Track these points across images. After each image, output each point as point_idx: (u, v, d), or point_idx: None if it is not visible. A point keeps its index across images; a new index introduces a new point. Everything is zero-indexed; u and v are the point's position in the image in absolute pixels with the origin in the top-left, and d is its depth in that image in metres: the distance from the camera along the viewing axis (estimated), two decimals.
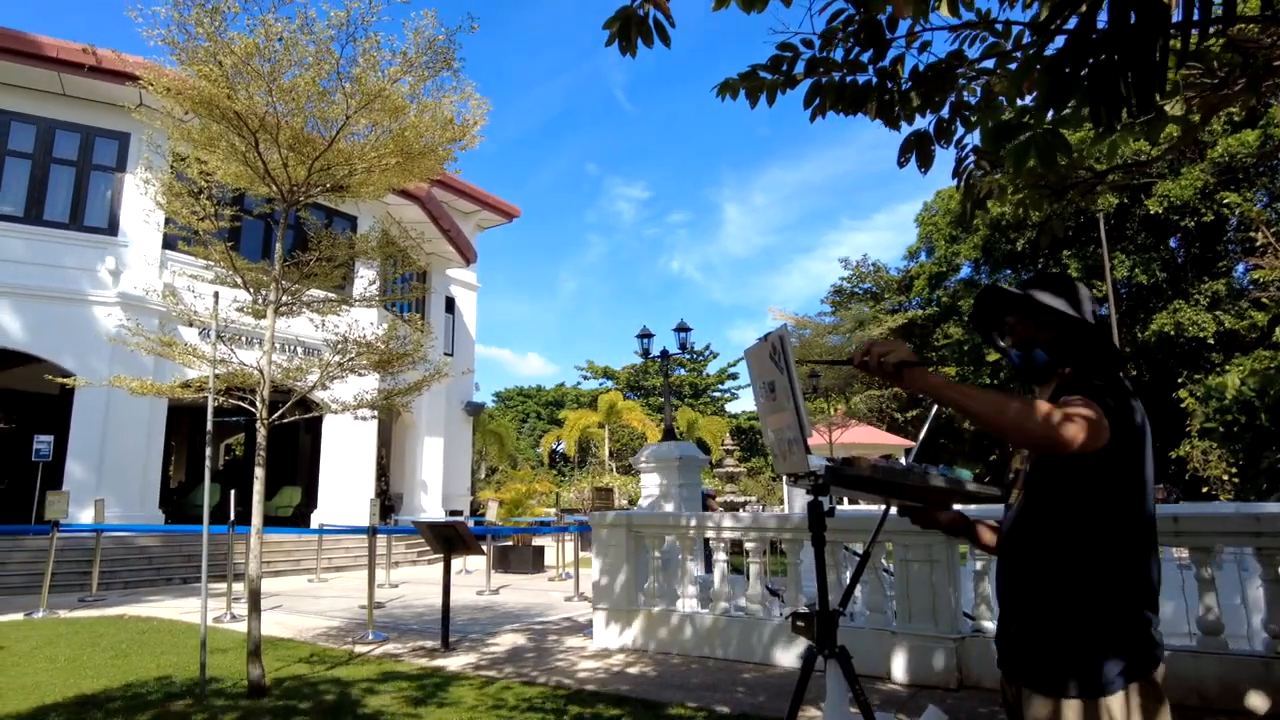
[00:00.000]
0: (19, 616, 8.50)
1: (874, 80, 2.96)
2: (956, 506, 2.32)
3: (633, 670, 5.91)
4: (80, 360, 13.21)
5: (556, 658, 6.45)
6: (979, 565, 5.57)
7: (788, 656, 5.89)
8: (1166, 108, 3.32)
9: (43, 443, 13.34)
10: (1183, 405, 24.64)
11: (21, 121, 13.85)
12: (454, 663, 6.27)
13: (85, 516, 11.55)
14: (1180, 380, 25.97)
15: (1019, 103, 3.11)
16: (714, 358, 48.51)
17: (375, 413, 6.83)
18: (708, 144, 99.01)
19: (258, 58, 5.00)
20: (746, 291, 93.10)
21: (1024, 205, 4.30)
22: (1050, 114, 2.40)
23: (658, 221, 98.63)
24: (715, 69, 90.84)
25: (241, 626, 7.34)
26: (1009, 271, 31.54)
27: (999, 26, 3.05)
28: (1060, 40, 2.01)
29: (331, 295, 6.73)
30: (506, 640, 7.29)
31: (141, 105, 6.96)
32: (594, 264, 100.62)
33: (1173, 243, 28.36)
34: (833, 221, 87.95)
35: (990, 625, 5.34)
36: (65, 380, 7.42)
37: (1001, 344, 2.14)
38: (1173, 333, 25.62)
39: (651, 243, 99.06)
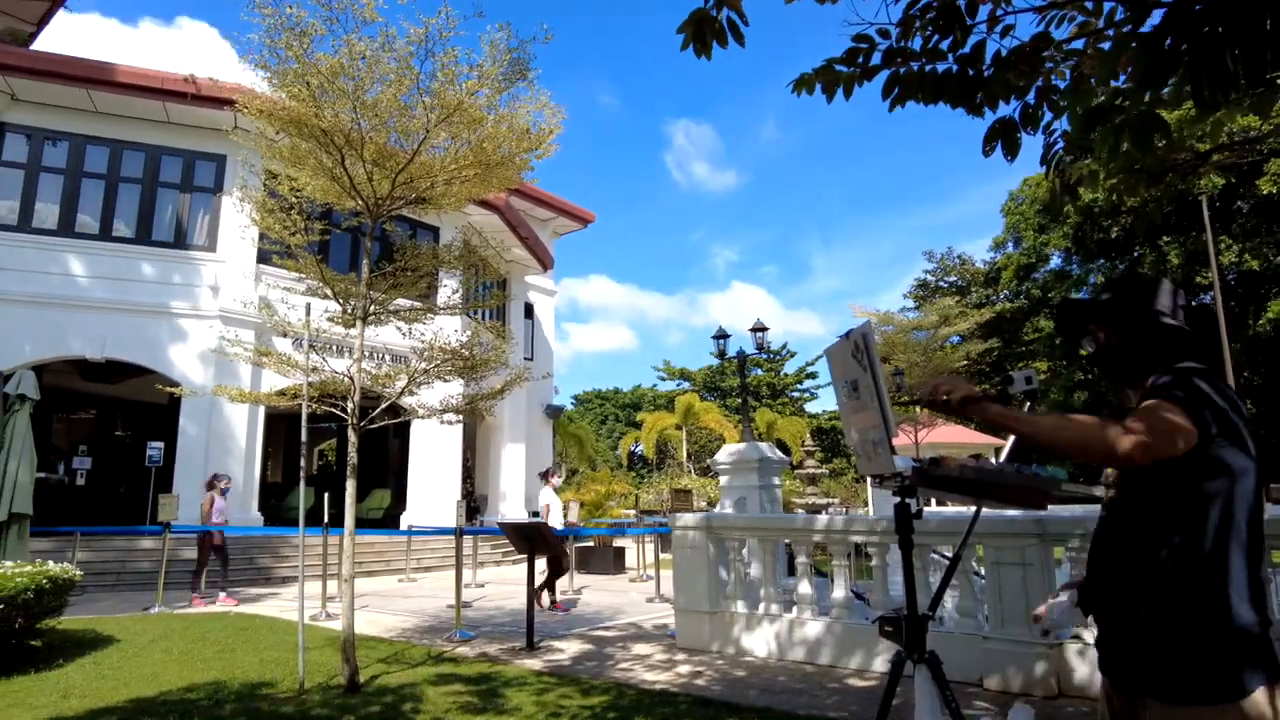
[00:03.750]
0: (138, 612, 9.07)
1: (954, 68, 2.87)
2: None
3: (713, 673, 5.89)
4: (186, 371, 14.03)
5: (637, 660, 6.48)
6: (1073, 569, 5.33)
7: (875, 662, 5.76)
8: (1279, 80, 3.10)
9: (154, 449, 14.24)
10: None
11: (132, 149, 14.80)
12: (536, 663, 6.37)
13: (192, 517, 12.22)
14: None
15: (1112, 84, 2.97)
16: (791, 357, 47.84)
17: (460, 417, 7.01)
18: (796, 207, 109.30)
19: (342, 76, 5.20)
20: (830, 324, 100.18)
21: (1118, 191, 4.09)
22: (1147, 94, 2.28)
23: (750, 273, 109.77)
24: (803, 172, 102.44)
25: (335, 624, 7.65)
26: (1102, 261, 30.06)
27: (1089, 4, 2.91)
28: (1157, 15, 1.91)
29: (417, 304, 6.94)
30: (588, 641, 7.36)
31: (236, 128, 7.34)
32: (691, 305, 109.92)
33: None
34: (915, 258, 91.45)
35: (1087, 634, 5.09)
36: (173, 390, 7.90)
37: (1088, 349, 2.15)
38: None
39: (742, 290, 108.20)
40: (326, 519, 9.70)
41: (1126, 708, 1.82)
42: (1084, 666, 5.00)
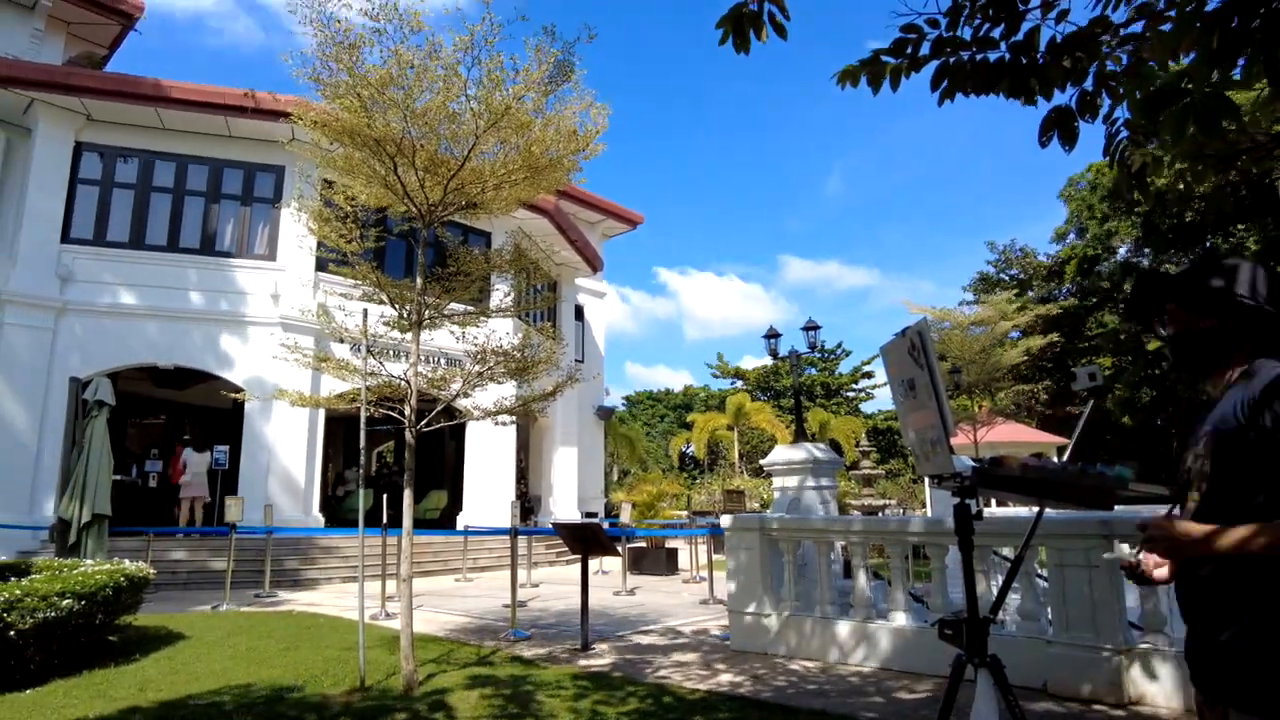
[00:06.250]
0: (207, 609, 9.40)
1: (1006, 56, 2.79)
2: None
3: (765, 677, 5.83)
4: (248, 377, 14.49)
5: (687, 664, 6.46)
6: None
7: (934, 666, 5.63)
8: None
9: (220, 452, 14.74)
10: None
11: (196, 164, 15.37)
12: (590, 664, 6.40)
13: (256, 519, 12.63)
14: None
15: (1174, 66, 2.85)
16: (846, 356, 47.13)
17: (513, 418, 7.08)
18: (848, 233, 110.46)
19: (392, 87, 5.31)
20: (888, 333, 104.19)
21: (1185, 179, 3.93)
22: (1213, 75, 2.18)
23: (807, 296, 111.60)
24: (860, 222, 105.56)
25: (394, 624, 7.80)
26: (1174, 251, 28.93)
27: None
28: None
29: (470, 308, 7.04)
30: (641, 642, 7.37)
31: (293, 140, 7.56)
32: (756, 321, 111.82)
33: None
34: (975, 265, 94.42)
35: (1160, 638, 4.90)
36: (237, 395, 8.18)
37: (1162, 333, 2.01)
38: None
39: (805, 308, 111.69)
40: (385, 520, 9.90)
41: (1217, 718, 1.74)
42: (1155, 674, 4.81)
